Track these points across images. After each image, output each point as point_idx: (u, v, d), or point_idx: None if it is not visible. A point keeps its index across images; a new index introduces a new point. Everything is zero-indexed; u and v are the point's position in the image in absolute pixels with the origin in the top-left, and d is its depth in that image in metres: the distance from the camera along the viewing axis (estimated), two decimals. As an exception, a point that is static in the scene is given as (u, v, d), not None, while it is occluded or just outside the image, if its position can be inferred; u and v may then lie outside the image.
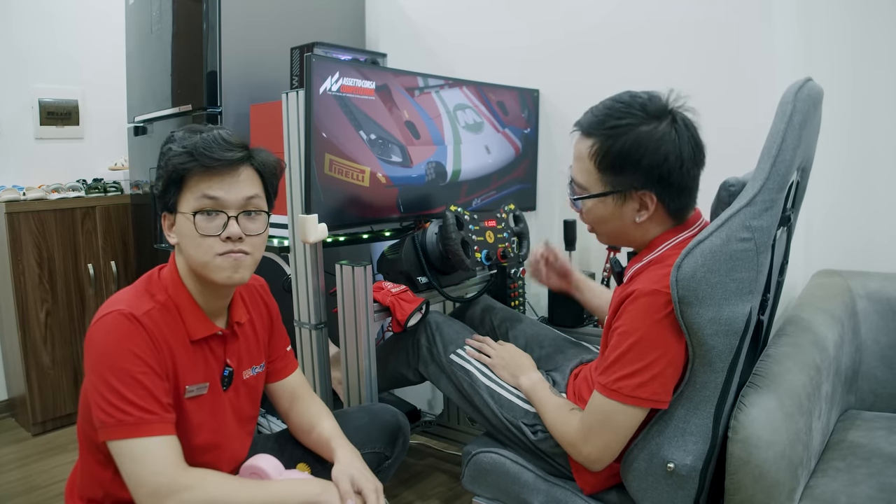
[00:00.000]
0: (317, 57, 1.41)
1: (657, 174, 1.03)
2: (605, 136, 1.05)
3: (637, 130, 1.03)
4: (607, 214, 1.10)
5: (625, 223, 1.10)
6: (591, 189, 1.10)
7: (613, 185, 1.07)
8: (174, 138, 1.04)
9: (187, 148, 1.01)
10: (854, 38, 1.68)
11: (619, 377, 1.03)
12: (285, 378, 1.27)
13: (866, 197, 1.72)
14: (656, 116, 1.04)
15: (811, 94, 1.03)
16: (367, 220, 1.64)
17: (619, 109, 1.06)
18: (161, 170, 1.04)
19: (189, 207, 1.02)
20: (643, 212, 1.08)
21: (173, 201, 1.04)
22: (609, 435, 1.07)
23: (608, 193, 1.08)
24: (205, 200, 1.02)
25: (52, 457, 2.28)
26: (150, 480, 0.94)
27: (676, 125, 1.04)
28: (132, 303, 1.01)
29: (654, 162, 1.03)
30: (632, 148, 1.03)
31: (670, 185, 1.05)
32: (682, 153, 1.03)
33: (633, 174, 1.05)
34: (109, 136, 2.84)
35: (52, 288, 2.46)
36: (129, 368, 0.96)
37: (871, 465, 1.20)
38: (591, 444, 1.09)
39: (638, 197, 1.07)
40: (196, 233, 1.02)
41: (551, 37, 2.02)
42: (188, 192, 1.02)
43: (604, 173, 1.07)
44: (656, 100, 1.07)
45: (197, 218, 1.01)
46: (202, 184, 1.02)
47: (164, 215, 1.07)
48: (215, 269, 1.03)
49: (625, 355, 1.03)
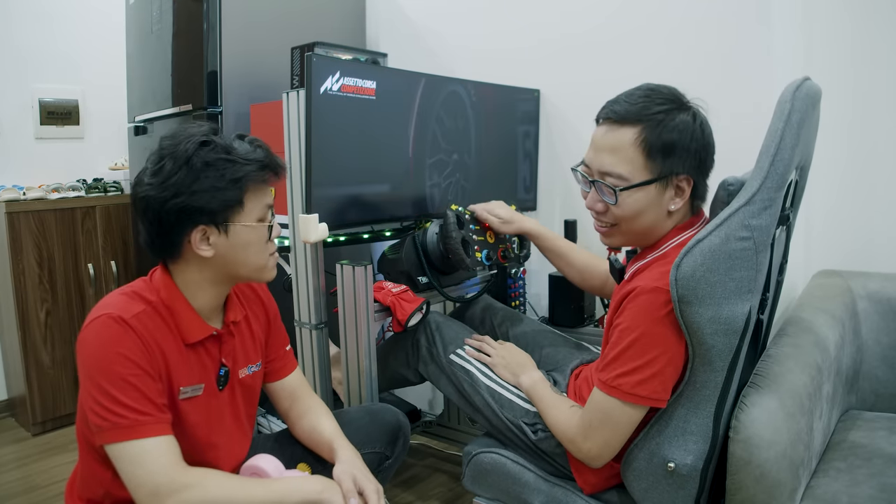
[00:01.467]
0: (317, 56, 1.41)
1: (700, 157, 1.07)
2: (652, 121, 1.04)
3: (680, 115, 1.06)
4: (647, 204, 1.07)
5: (660, 213, 1.09)
6: (634, 178, 1.06)
7: (660, 171, 1.05)
8: (225, 148, 1.02)
9: (262, 161, 1.05)
10: (853, 37, 1.68)
11: (619, 374, 1.03)
12: (285, 378, 1.27)
13: (866, 197, 1.72)
14: (686, 106, 1.08)
15: (809, 92, 1.03)
16: (368, 220, 1.64)
17: (657, 97, 1.06)
18: (213, 180, 1.00)
19: (254, 218, 1.06)
20: (678, 199, 1.08)
21: (229, 214, 1.02)
22: (609, 432, 1.07)
23: (654, 181, 1.06)
24: (267, 210, 1.09)
25: (51, 457, 2.28)
26: (149, 481, 0.94)
27: (698, 115, 1.09)
28: (121, 306, 1.00)
29: (700, 145, 1.06)
30: (682, 132, 1.04)
31: (706, 170, 1.10)
32: (712, 140, 1.09)
33: (681, 158, 1.05)
34: (109, 136, 2.84)
35: (52, 288, 2.46)
36: (120, 372, 0.95)
37: (872, 466, 1.20)
38: (591, 441, 1.09)
39: (675, 183, 1.07)
40: (263, 240, 1.08)
41: (552, 37, 2.02)
42: (252, 203, 1.05)
43: (651, 160, 1.05)
44: (678, 93, 1.10)
45: (264, 226, 1.08)
46: (260, 193, 1.07)
47: (203, 229, 1.02)
48: (270, 269, 1.12)
49: (625, 352, 1.03)
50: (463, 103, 1.82)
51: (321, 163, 1.46)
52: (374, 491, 1.10)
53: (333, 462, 1.15)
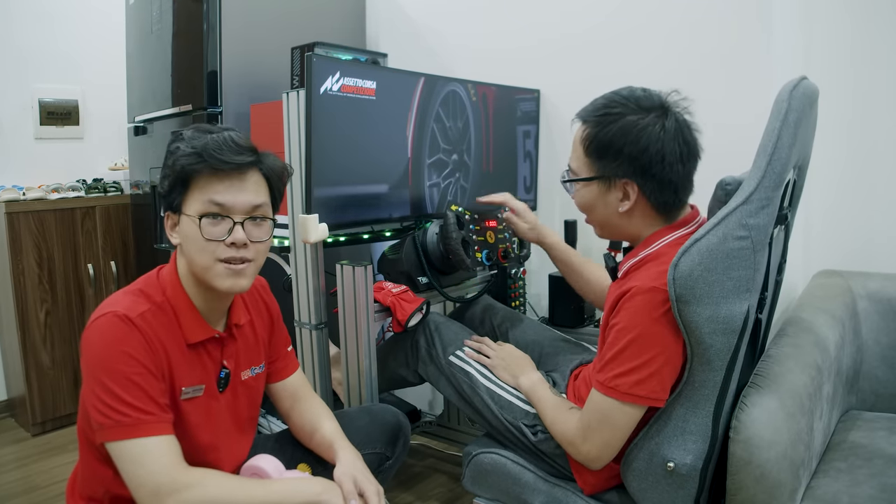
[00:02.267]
0: (317, 56, 1.41)
1: (638, 164, 1.06)
2: (594, 122, 1.10)
3: (624, 119, 1.07)
4: (593, 200, 1.14)
5: (609, 212, 1.13)
6: (580, 174, 1.14)
7: (598, 170, 1.11)
8: (183, 137, 1.02)
9: (196, 148, 0.99)
10: (853, 37, 1.68)
11: (617, 374, 1.03)
12: (286, 378, 1.27)
13: (866, 197, 1.72)
14: (647, 110, 1.07)
15: (806, 92, 1.03)
16: (368, 220, 1.63)
17: (614, 100, 1.10)
18: (167, 168, 1.02)
19: (195, 210, 1.01)
20: (625, 201, 1.10)
21: (178, 202, 1.02)
22: (608, 433, 1.07)
23: (593, 179, 1.12)
24: (212, 206, 1.00)
25: (51, 457, 2.27)
26: (150, 480, 0.94)
27: (666, 121, 1.06)
28: (127, 304, 1.00)
29: (634, 151, 1.06)
30: (615, 135, 1.07)
31: (652, 178, 1.07)
32: (664, 147, 1.05)
33: (616, 161, 1.08)
34: (109, 136, 2.84)
35: (51, 288, 2.45)
36: (124, 370, 0.95)
37: (873, 466, 1.20)
38: (590, 443, 1.09)
39: (621, 185, 1.09)
40: (201, 236, 1.00)
41: (552, 37, 2.02)
42: (195, 194, 1.01)
43: (591, 158, 1.11)
44: (654, 96, 1.09)
45: (203, 222, 1.00)
46: (209, 187, 1.01)
47: (168, 215, 1.05)
48: (216, 275, 1.02)
49: (622, 352, 1.03)
50: (463, 103, 1.82)
51: (321, 163, 1.46)
52: (374, 493, 1.09)
53: (334, 463, 1.15)
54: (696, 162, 1.11)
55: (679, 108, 1.09)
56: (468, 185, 1.88)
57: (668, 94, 1.10)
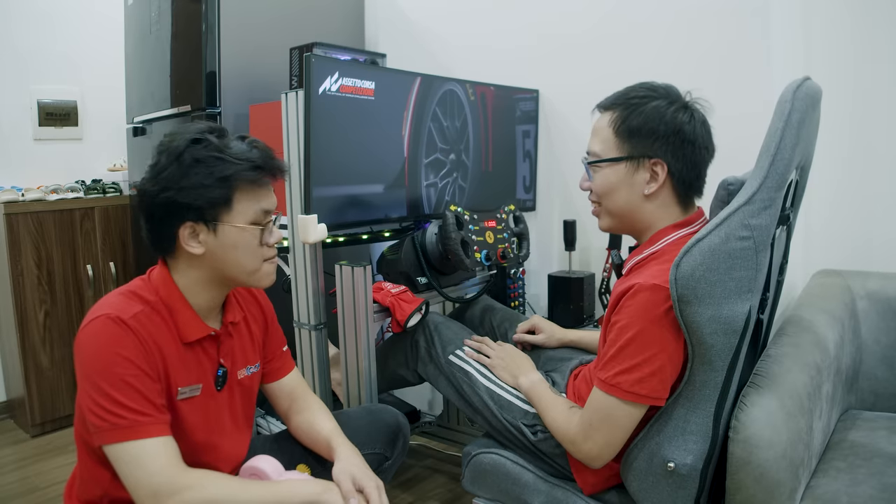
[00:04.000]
0: (316, 57, 1.41)
1: (672, 143, 1.08)
2: (623, 105, 1.11)
3: (654, 102, 1.10)
4: (618, 182, 1.12)
5: (633, 195, 1.12)
6: (605, 155, 1.13)
7: (629, 150, 1.10)
8: (217, 146, 1.01)
9: (254, 161, 1.03)
10: (853, 37, 1.68)
11: (618, 372, 1.03)
12: (283, 378, 1.27)
13: (866, 196, 1.72)
14: (672, 99, 1.11)
15: (809, 92, 1.03)
16: (367, 221, 1.63)
17: (639, 89, 1.13)
18: (201, 177, 0.99)
19: (245, 219, 1.04)
20: (653, 183, 1.10)
21: (217, 213, 1.02)
22: (609, 432, 1.07)
23: (623, 159, 1.11)
24: (263, 215, 1.06)
25: (50, 458, 2.27)
26: (148, 482, 0.94)
27: (693, 112, 1.11)
28: (120, 306, 1.00)
29: (670, 130, 1.08)
30: (648, 116, 1.09)
31: (682, 158, 1.09)
32: (695, 132, 1.09)
33: (649, 140, 1.09)
34: (108, 137, 2.83)
35: (50, 289, 2.45)
36: (119, 372, 0.95)
37: (872, 465, 1.20)
38: (592, 442, 1.09)
39: (650, 166, 1.10)
40: (256, 244, 1.06)
41: (551, 37, 2.02)
42: (242, 204, 1.03)
43: (621, 139, 1.11)
44: (675, 89, 1.13)
45: (255, 229, 1.05)
46: (255, 195, 1.05)
47: (190, 225, 1.02)
48: (264, 275, 1.10)
49: (623, 350, 1.03)
50: (460, 102, 1.82)
51: (320, 163, 1.46)
52: (374, 488, 1.09)
53: (333, 460, 1.15)
54: (713, 154, 1.14)
55: (699, 105, 1.13)
56: (466, 185, 1.88)
57: (685, 92, 1.13)
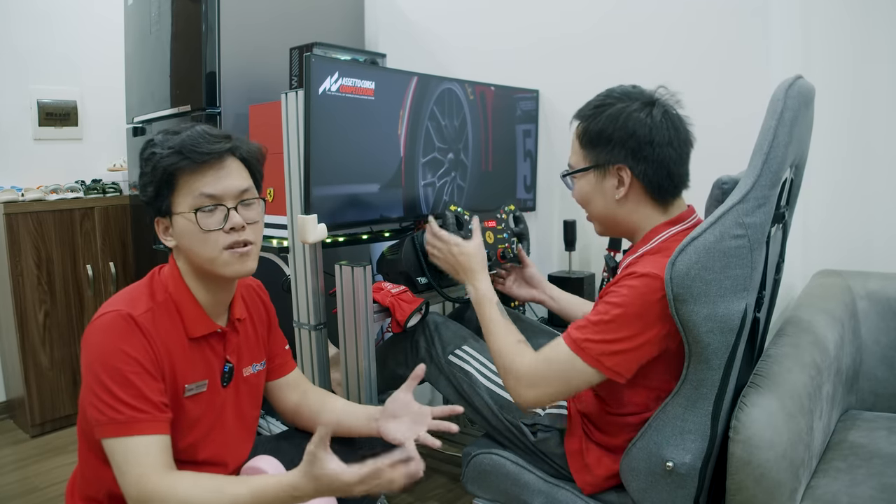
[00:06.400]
0: (316, 57, 1.41)
1: (628, 147, 1.10)
2: (587, 116, 1.15)
3: (612, 108, 1.12)
4: (590, 190, 1.17)
5: (607, 201, 1.15)
6: (577, 166, 1.18)
7: (594, 159, 1.14)
8: (155, 142, 1.04)
9: (174, 147, 1.01)
10: (853, 37, 1.68)
11: (592, 339, 1.05)
12: (288, 374, 1.28)
13: (865, 197, 1.72)
14: (634, 100, 1.12)
15: (802, 91, 1.03)
16: (367, 221, 1.63)
17: (605, 96, 1.16)
18: (149, 175, 1.03)
19: (187, 206, 1.03)
20: (621, 188, 1.13)
21: (167, 204, 1.04)
22: (558, 387, 1.09)
23: (588, 168, 1.16)
24: (203, 199, 1.02)
25: (50, 458, 2.27)
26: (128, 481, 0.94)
27: (653, 109, 1.11)
28: (130, 303, 1.02)
29: (623, 136, 1.10)
30: (604, 124, 1.12)
31: (643, 159, 1.10)
32: (652, 131, 1.09)
33: (607, 148, 1.12)
34: (108, 137, 2.83)
35: (50, 289, 2.45)
36: (121, 368, 0.96)
37: (872, 466, 1.20)
38: (537, 390, 1.11)
39: (615, 171, 1.12)
40: (200, 230, 1.02)
41: (551, 37, 2.02)
42: (183, 192, 1.03)
43: (586, 150, 1.16)
44: (642, 90, 1.14)
45: (198, 215, 1.02)
46: (195, 182, 1.03)
47: (158, 220, 1.07)
48: (223, 263, 1.04)
49: (606, 322, 1.04)
50: (459, 101, 1.81)
51: (320, 163, 1.46)
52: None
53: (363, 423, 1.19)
54: (689, 148, 1.14)
55: (666, 100, 1.13)
56: (465, 185, 1.88)
57: (655, 90, 1.14)
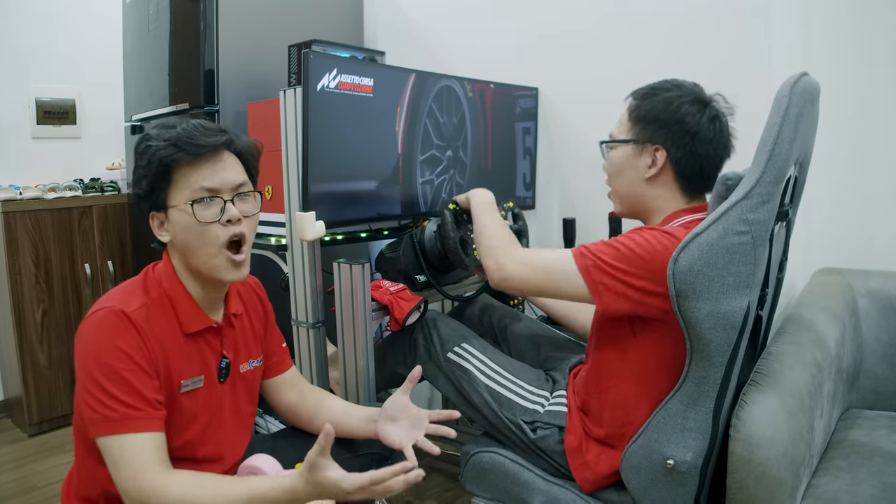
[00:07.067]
0: (314, 54, 1.40)
1: (671, 132, 1.14)
2: (643, 95, 1.21)
3: (669, 94, 1.17)
4: (623, 163, 1.21)
5: (636, 177, 1.19)
6: (618, 137, 1.23)
7: (636, 135, 1.19)
8: (150, 136, 1.04)
9: (170, 140, 1.01)
10: (853, 37, 1.68)
11: (594, 252, 1.09)
12: (286, 371, 1.28)
13: (866, 195, 1.71)
14: (691, 94, 1.17)
15: (807, 88, 1.03)
16: (366, 218, 1.63)
17: (664, 82, 1.21)
18: (144, 168, 1.03)
19: (183, 199, 1.02)
20: (653, 167, 1.17)
21: (163, 197, 1.04)
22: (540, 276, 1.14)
23: (629, 141, 1.20)
24: (201, 191, 1.03)
25: (48, 457, 2.27)
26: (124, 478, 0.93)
27: (706, 108, 1.16)
28: (124, 299, 1.01)
29: (670, 120, 1.15)
30: (657, 105, 1.17)
31: (682, 148, 1.14)
32: (699, 126, 1.14)
33: (652, 127, 1.17)
34: (106, 136, 2.83)
35: (48, 288, 2.44)
36: (115, 365, 0.95)
37: (873, 464, 1.19)
38: (518, 266, 1.17)
39: (652, 151, 1.17)
40: (196, 222, 1.02)
41: (550, 35, 2.01)
42: (179, 186, 1.03)
43: (632, 124, 1.20)
44: (702, 91, 1.19)
45: (195, 207, 1.02)
46: (192, 175, 1.02)
47: (153, 215, 1.07)
48: (221, 269, 1.05)
49: (615, 249, 1.07)
50: (458, 98, 1.81)
51: (318, 160, 1.45)
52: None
53: (364, 423, 1.20)
54: (725, 155, 1.19)
55: (721, 106, 1.18)
56: (464, 182, 1.87)
57: (712, 94, 1.19)
